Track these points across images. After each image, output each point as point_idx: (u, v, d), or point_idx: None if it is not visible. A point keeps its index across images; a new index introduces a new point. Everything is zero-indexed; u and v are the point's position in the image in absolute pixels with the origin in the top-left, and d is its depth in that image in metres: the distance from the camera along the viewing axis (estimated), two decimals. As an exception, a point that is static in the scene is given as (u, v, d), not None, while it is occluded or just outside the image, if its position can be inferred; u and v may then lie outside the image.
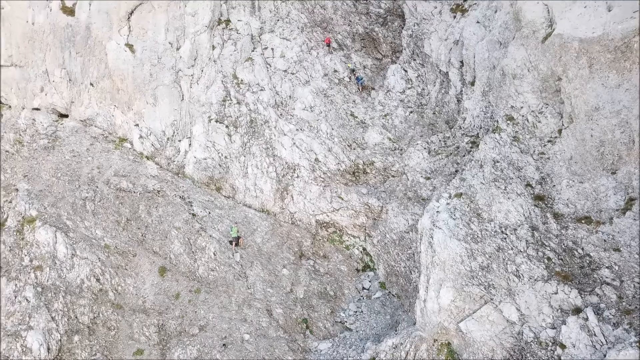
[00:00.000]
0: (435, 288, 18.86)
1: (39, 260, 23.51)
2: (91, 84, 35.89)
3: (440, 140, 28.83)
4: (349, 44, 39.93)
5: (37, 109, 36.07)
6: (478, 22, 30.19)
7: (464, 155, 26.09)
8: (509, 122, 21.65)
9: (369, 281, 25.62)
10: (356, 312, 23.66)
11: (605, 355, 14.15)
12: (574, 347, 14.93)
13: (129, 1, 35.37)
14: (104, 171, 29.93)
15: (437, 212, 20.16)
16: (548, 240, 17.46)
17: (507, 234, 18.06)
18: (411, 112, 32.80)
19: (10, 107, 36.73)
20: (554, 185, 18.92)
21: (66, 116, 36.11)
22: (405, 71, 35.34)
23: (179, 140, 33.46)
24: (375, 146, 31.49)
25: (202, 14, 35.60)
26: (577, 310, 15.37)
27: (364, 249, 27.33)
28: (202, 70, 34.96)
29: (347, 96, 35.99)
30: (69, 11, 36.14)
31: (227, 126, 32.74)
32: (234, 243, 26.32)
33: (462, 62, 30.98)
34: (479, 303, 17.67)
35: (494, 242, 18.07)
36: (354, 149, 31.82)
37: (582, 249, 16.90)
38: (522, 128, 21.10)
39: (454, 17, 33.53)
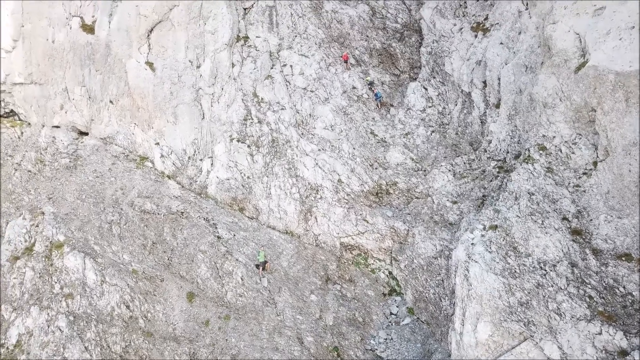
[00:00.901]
0: (472, 322, 18.87)
1: (69, 287, 23.53)
2: (111, 102, 35.90)
3: (465, 163, 28.82)
4: (366, 59, 39.94)
5: (57, 127, 36.10)
6: (501, 43, 30.19)
7: (491, 180, 26.07)
8: (541, 152, 21.63)
9: (397, 306, 25.63)
10: (386, 339, 23.67)
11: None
12: (620, 389, 14.95)
13: (149, 19, 35.40)
14: (127, 192, 29.94)
15: (472, 244, 20.16)
16: (588, 277, 17.46)
17: (546, 270, 18.06)
18: (433, 131, 32.79)
19: (29, 124, 36.75)
20: (591, 220, 18.91)
21: (86, 134, 36.13)
22: (425, 89, 35.34)
23: (200, 160, 33.48)
24: (397, 166, 31.50)
25: (221, 32, 35.63)
26: (623, 353, 15.39)
27: (390, 273, 27.33)
28: (222, 89, 34.96)
29: (366, 113, 36.01)
30: (89, 29, 36.15)
31: (249, 146, 32.75)
32: (260, 267, 26.33)
33: (484, 82, 31.00)
34: (518, 339, 17.67)
35: (533, 278, 18.06)
36: (376, 168, 31.82)
37: (624, 287, 16.90)
38: (556, 159, 21.09)
39: (475, 36, 33.53)
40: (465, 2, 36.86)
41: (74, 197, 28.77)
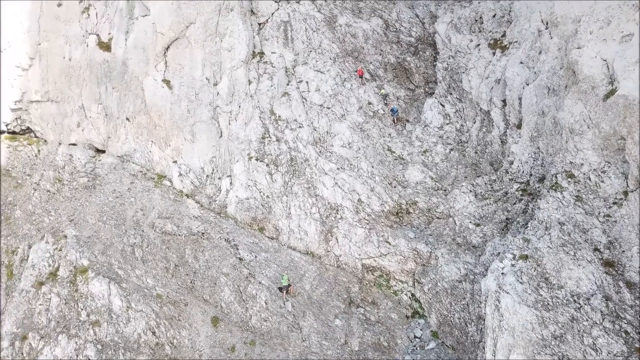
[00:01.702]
0: (504, 353, 18.85)
1: (95, 314, 23.55)
2: (127, 119, 35.93)
3: (486, 184, 28.80)
4: (381, 74, 39.90)
5: (74, 144, 36.14)
6: (521, 62, 30.14)
7: (514, 203, 26.06)
8: (569, 179, 21.60)
9: (420, 329, 25.62)
10: (412, 365, 23.69)
11: None
12: None
13: (165, 36, 35.41)
14: (147, 213, 29.95)
15: (502, 273, 20.15)
16: (623, 312, 17.45)
17: (580, 304, 18.05)
18: (451, 149, 32.75)
19: (46, 141, 36.82)
20: (624, 251, 18.90)
21: (103, 152, 36.17)
22: (442, 106, 35.31)
23: (219, 178, 33.48)
24: (417, 185, 31.47)
25: (238, 49, 35.60)
26: (662, 392, 15.39)
27: (413, 295, 27.32)
28: (239, 106, 34.95)
29: (382, 129, 35.99)
30: (105, 47, 36.18)
31: (267, 164, 32.74)
32: (284, 291, 26.33)
33: (504, 101, 30.96)
34: (552, 373, 17.65)
35: (567, 311, 18.05)
36: (395, 187, 31.79)
37: (660, 323, 16.89)
38: (585, 187, 21.07)
39: (493, 53, 33.49)
40: (481, 18, 36.82)
41: (95, 219, 28.78)
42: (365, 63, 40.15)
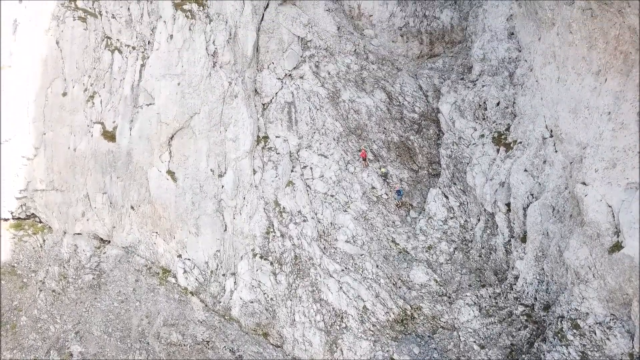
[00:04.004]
0: None
1: None
2: (132, 208, 36.05)
3: (490, 297, 28.84)
4: (384, 154, 40.01)
5: (79, 234, 36.27)
6: (526, 170, 30.12)
7: (519, 329, 26.08)
8: (575, 330, 21.63)
9: None
10: None
11: None
12: None
13: (170, 126, 35.51)
14: (153, 321, 30.06)
15: None
16: None
17: None
18: (455, 248, 32.81)
19: (50, 228, 36.94)
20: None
21: (108, 241, 36.29)
22: (446, 197, 35.36)
23: (223, 275, 33.59)
24: (421, 287, 31.53)
25: (242, 139, 35.73)
26: None
27: (417, 413, 27.37)
28: (244, 198, 35.05)
29: (386, 217, 36.11)
30: (110, 136, 36.27)
31: (271, 263, 32.83)
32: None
33: (508, 205, 30.93)
34: None
35: None
36: (400, 287, 31.87)
37: None
38: (590, 341, 21.10)
39: (497, 150, 33.46)
40: (485, 103, 36.79)
41: (101, 331, 28.89)
42: (369, 142, 40.30)
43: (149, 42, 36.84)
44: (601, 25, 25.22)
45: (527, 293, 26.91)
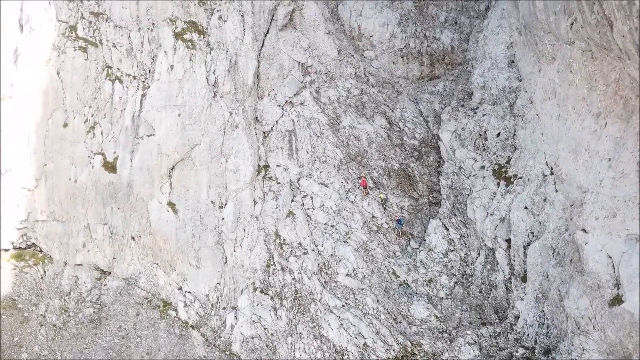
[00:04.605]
0: None
1: None
2: (132, 238, 36.11)
3: (491, 336, 28.85)
4: (384, 182, 39.94)
5: (80, 265, 36.32)
6: (526, 207, 30.07)
7: (519, 373, 26.10)
8: (575, 383, 21.63)
9: None
10: None
11: None
12: None
13: (170, 158, 35.56)
14: (154, 357, 30.08)
15: None
16: None
17: None
18: (456, 282, 32.79)
19: (51, 258, 37.00)
20: None
21: (109, 272, 36.34)
22: (447, 229, 35.32)
23: (223, 308, 33.63)
24: (422, 323, 31.53)
25: (243, 171, 35.75)
26: None
27: None
28: (244, 230, 35.08)
29: (387, 247, 36.09)
30: (111, 167, 36.33)
31: (272, 298, 32.86)
32: None
33: (508, 241, 30.90)
34: None
35: None
36: (400, 322, 31.87)
37: None
38: (590, 396, 21.10)
39: (498, 184, 33.41)
40: (485, 133, 36.73)
41: (102, 370, 28.95)
42: (369, 169, 40.23)
43: (149, 71, 36.88)
44: (601, 67, 25.11)
45: (528, 335, 26.90)
